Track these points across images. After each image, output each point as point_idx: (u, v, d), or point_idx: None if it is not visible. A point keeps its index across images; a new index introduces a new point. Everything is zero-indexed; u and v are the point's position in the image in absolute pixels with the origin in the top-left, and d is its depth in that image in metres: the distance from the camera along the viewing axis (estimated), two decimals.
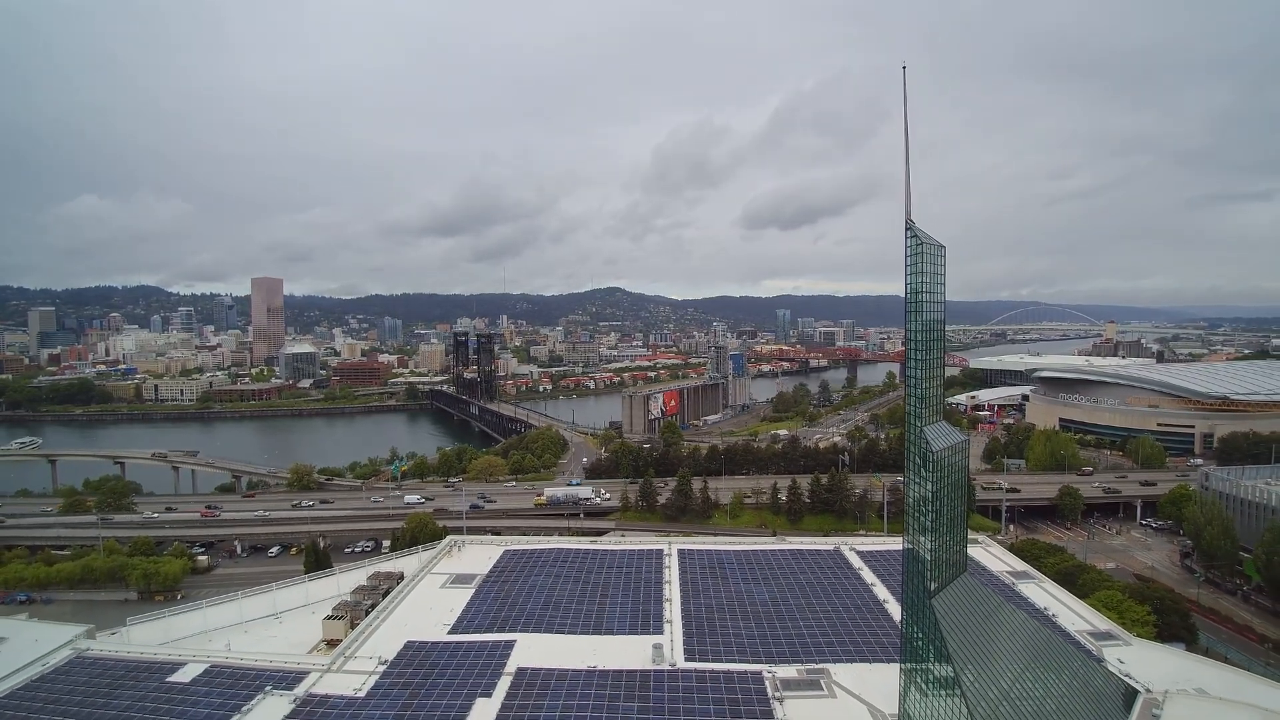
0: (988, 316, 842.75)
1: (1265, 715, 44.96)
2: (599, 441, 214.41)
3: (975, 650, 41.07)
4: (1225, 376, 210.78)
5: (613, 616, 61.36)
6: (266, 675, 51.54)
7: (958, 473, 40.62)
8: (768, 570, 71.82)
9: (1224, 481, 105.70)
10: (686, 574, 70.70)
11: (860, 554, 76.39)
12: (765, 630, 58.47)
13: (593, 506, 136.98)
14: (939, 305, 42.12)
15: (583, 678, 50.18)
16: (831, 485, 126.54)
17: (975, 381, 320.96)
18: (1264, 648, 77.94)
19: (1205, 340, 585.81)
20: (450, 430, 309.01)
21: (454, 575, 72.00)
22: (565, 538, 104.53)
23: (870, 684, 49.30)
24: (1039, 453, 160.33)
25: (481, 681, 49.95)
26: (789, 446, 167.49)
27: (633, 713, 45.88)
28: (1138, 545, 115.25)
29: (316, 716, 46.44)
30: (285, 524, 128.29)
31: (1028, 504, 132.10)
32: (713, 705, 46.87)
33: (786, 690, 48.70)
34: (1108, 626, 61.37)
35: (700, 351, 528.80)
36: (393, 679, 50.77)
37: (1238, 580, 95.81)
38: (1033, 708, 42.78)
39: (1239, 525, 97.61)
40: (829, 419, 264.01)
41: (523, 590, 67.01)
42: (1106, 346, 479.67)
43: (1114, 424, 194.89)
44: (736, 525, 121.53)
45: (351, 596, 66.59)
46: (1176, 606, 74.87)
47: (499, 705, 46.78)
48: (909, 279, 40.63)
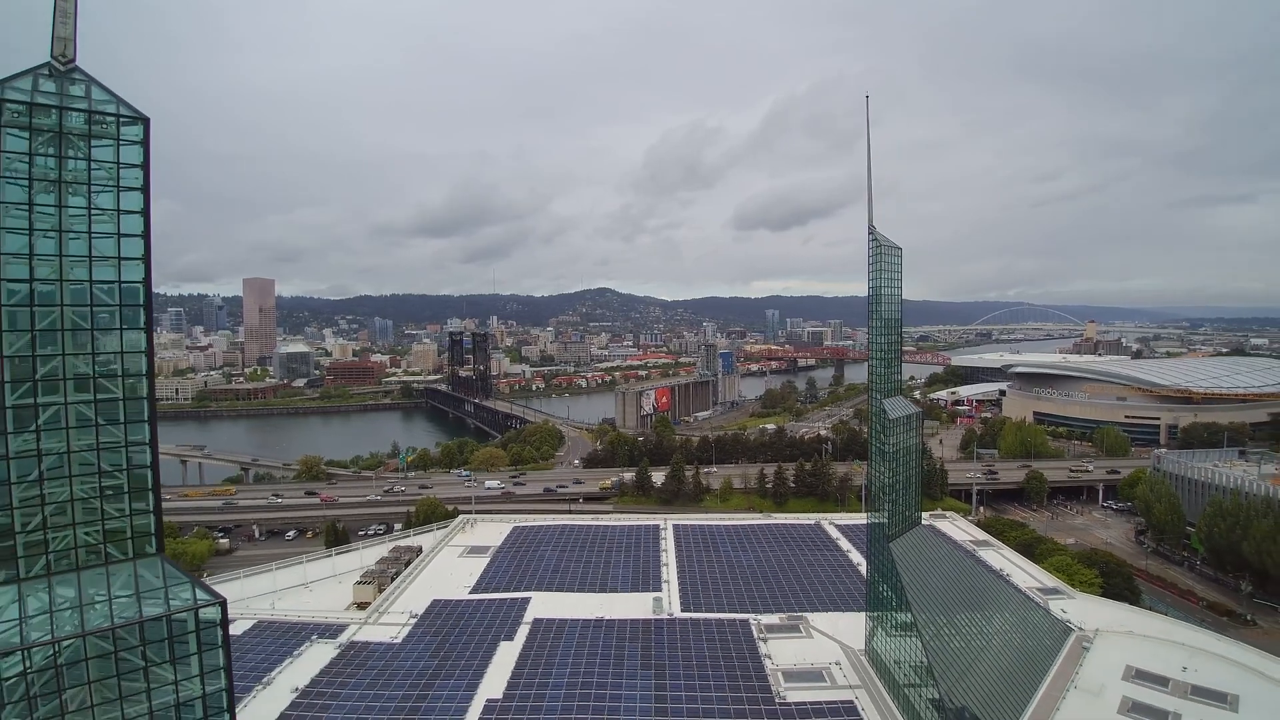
0: (974, 317, 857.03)
1: (1182, 649, 53.16)
2: (594, 435, 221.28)
3: (932, 598, 48.61)
4: (1191, 372, 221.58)
5: (616, 578, 68.64)
6: (310, 628, 58.25)
7: (909, 437, 48.26)
8: (755, 540, 79.32)
9: (1174, 463, 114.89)
10: (681, 544, 78.02)
11: (838, 527, 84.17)
12: (752, 587, 66.00)
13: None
14: (897, 299, 50.11)
15: (592, 625, 57.39)
16: (815, 471, 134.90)
17: (956, 378, 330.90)
18: (1200, 607, 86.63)
19: (1185, 340, 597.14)
20: (445, 427, 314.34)
21: (469, 547, 78.88)
22: (569, 514, 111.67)
23: (842, 628, 56.90)
24: (1010, 442, 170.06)
25: (504, 629, 57.04)
26: (776, 437, 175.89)
27: (637, 652, 53.10)
28: (1097, 524, 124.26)
29: (360, 658, 53.31)
30: (300, 509, 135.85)
31: (997, 487, 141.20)
32: (706, 645, 54.21)
33: (770, 633, 56.20)
34: (1055, 584, 69.44)
35: (690, 351, 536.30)
36: (424, 628, 57.73)
37: (1185, 553, 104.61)
38: (980, 643, 50.67)
39: (1186, 503, 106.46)
40: (815, 414, 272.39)
41: (534, 558, 74.02)
42: (1087, 345, 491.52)
43: (1084, 416, 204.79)
44: (726, 508, 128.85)
45: (376, 566, 73.19)
46: (1121, 570, 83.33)
47: (520, 645, 53.99)
48: (871, 276, 48.54)
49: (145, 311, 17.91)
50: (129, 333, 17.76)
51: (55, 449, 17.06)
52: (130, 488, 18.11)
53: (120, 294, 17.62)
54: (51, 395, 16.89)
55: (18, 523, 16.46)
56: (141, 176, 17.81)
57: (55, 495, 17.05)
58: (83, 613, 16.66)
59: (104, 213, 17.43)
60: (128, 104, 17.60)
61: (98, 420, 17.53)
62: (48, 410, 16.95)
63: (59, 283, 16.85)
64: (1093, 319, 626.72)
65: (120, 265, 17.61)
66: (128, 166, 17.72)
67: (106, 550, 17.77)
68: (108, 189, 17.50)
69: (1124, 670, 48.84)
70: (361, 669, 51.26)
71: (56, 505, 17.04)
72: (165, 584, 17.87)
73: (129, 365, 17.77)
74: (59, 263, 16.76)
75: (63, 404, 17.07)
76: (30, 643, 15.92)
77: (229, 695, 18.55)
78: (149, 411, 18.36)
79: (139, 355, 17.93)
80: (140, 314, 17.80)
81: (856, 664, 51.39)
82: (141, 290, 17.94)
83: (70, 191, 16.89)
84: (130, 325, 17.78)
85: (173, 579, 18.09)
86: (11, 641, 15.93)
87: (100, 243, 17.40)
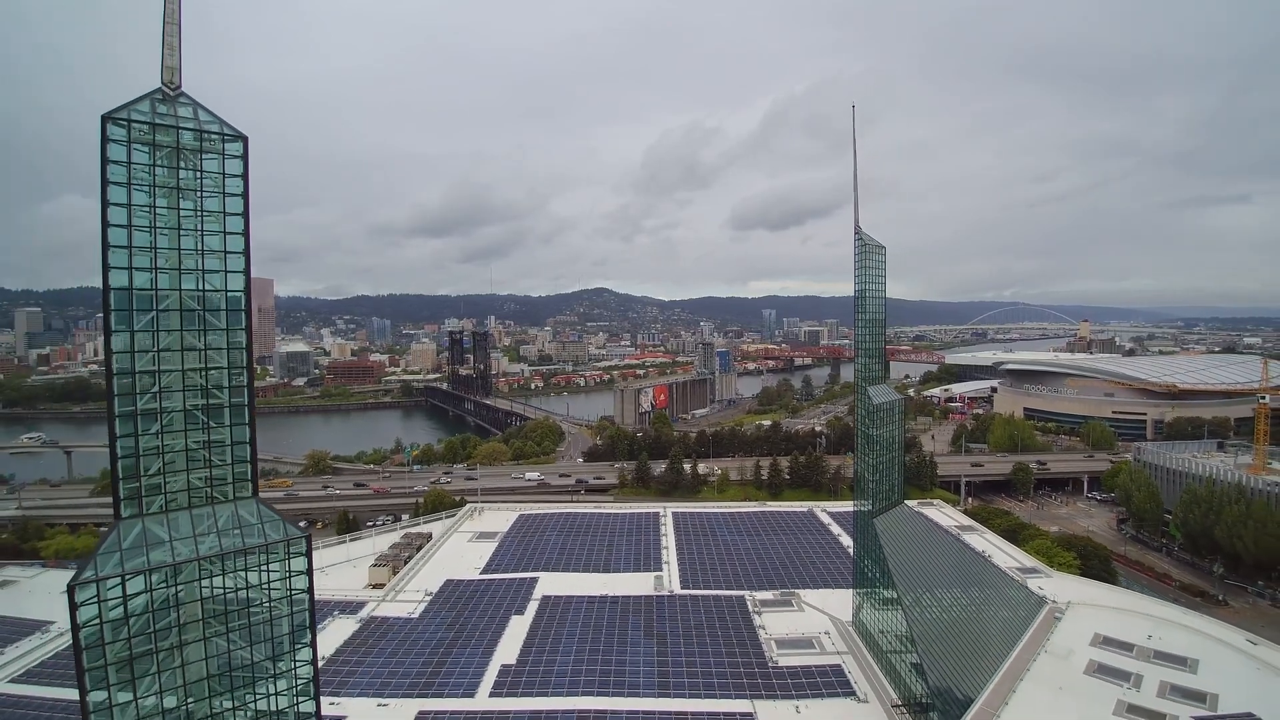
0: (971, 317, 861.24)
1: (1148, 619, 57.10)
2: (593, 431, 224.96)
3: (915, 575, 52.37)
4: (1178, 368, 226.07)
5: (619, 559, 72.39)
6: (331, 604, 61.76)
7: (892, 421, 52.08)
8: (750, 526, 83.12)
9: (1154, 454, 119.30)
10: (680, 529, 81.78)
11: (830, 514, 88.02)
12: (748, 567, 69.82)
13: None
14: (881, 295, 54.13)
15: (597, 601, 61.15)
16: (809, 463, 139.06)
17: (950, 376, 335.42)
18: (1174, 588, 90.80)
19: (1180, 339, 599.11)
20: (445, 425, 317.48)
21: (477, 533, 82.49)
22: (572, 502, 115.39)
23: (831, 602, 60.76)
24: (999, 436, 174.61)
25: (514, 605, 60.73)
26: (771, 431, 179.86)
27: (640, 624, 56.83)
28: (1081, 514, 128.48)
29: (380, 631, 56.92)
30: (313, 500, 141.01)
31: (986, 478, 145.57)
32: (705, 618, 57.97)
33: (764, 607, 60.05)
34: (1033, 564, 73.39)
35: (687, 351, 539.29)
36: (439, 604, 61.38)
37: (1164, 540, 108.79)
38: (959, 614, 54.56)
39: (1164, 492, 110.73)
40: (811, 411, 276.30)
41: (540, 542, 77.69)
42: (1080, 345, 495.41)
43: (1073, 411, 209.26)
44: (723, 499, 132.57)
45: (390, 551, 76.72)
46: (1099, 554, 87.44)
47: (531, 619, 57.71)
48: (857, 274, 52.50)
49: (246, 296, 21.46)
50: (233, 313, 21.31)
51: (173, 408, 20.67)
52: (232, 441, 21.73)
53: (226, 281, 21.18)
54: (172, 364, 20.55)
55: (142, 469, 20.14)
56: (242, 185, 21.40)
57: (171, 447, 20.67)
58: (196, 542, 20.25)
59: (212, 214, 21.00)
60: (229, 124, 21.17)
61: (208, 385, 21.12)
62: (168, 375, 20.57)
63: (177, 271, 20.44)
64: (1089, 319, 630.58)
65: (225, 258, 21.20)
66: (231, 177, 21.30)
67: (212, 493, 21.43)
68: (214, 195, 21.06)
69: (1092, 637, 52.58)
70: (383, 640, 54.85)
71: (172, 455, 20.68)
72: (260, 521, 21.48)
73: (233, 340, 21.34)
74: (176, 255, 20.35)
75: (179, 370, 20.69)
76: (154, 565, 19.49)
77: (311, 614, 22.21)
78: (248, 378, 21.94)
79: (240, 331, 21.53)
80: (242, 298, 21.36)
81: (844, 634, 55.26)
82: (243, 278, 21.47)
83: (184, 197, 20.47)
84: (234, 307, 21.34)
85: (266, 517, 21.72)
86: (139, 563, 19.50)
87: (210, 240, 20.99)
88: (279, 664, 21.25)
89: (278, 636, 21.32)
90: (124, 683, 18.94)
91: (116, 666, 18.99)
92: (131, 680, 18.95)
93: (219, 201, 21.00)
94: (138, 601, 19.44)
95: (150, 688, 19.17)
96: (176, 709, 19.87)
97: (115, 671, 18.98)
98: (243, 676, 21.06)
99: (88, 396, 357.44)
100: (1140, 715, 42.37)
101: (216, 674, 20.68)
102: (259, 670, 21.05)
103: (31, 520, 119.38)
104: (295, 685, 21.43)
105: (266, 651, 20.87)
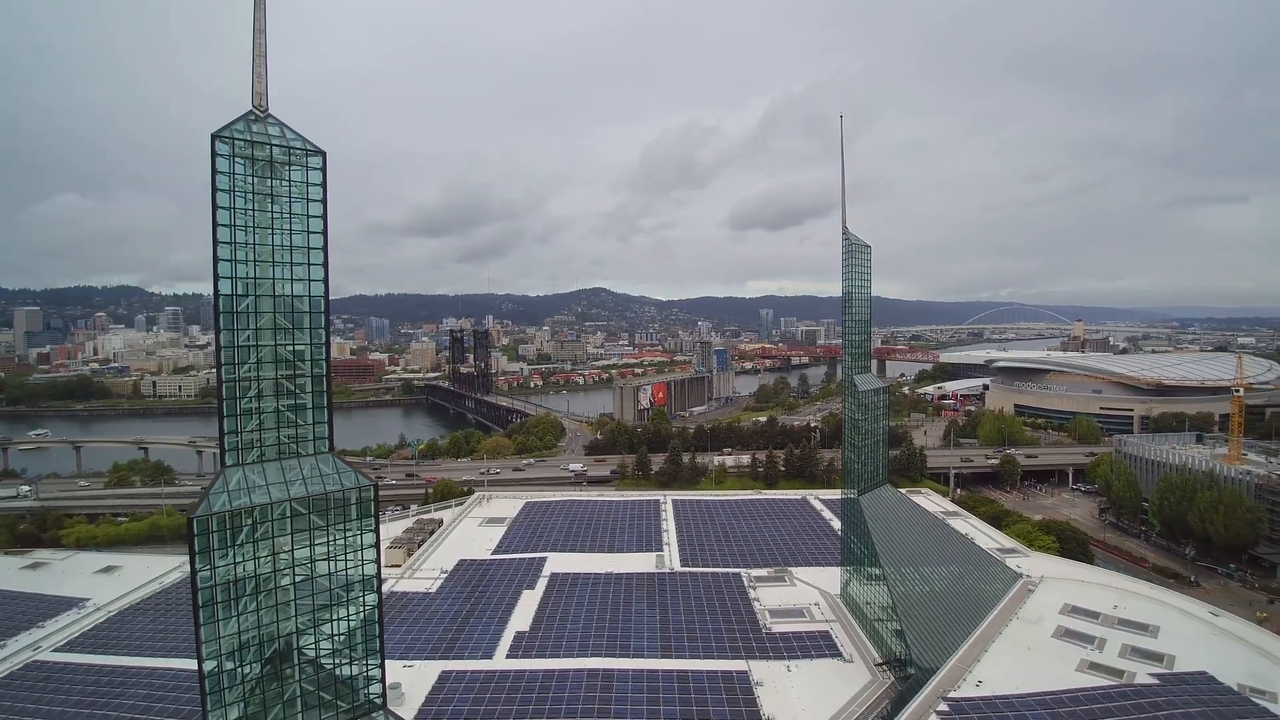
0: (967, 317, 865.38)
1: (1115, 591, 61.56)
2: (593, 428, 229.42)
3: (899, 551, 56.67)
4: (1165, 366, 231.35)
5: (622, 541, 76.67)
6: None
7: (876, 407, 56.47)
8: (747, 512, 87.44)
9: (1134, 446, 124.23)
10: (680, 515, 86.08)
11: (822, 501, 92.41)
12: (744, 548, 74.15)
13: None
14: (866, 291, 58.54)
15: (603, 577, 65.38)
16: (803, 456, 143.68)
17: (944, 375, 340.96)
18: (1149, 569, 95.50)
19: (1174, 339, 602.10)
20: (446, 422, 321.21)
21: (487, 518, 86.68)
22: (576, 490, 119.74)
23: (822, 579, 65.13)
24: (988, 431, 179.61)
25: (525, 581, 64.93)
26: (768, 425, 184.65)
27: (643, 596, 61.08)
28: (1065, 504, 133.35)
29: (400, 604, 61.02)
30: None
31: (974, 470, 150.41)
32: (704, 591, 62.25)
33: (759, 583, 64.36)
34: (1013, 545, 77.91)
35: (685, 350, 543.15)
36: (455, 581, 65.54)
37: (1142, 527, 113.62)
38: (940, 587, 58.95)
39: (1143, 482, 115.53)
40: (807, 409, 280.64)
41: (547, 526, 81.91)
42: (1074, 344, 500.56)
43: (1062, 408, 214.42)
44: (721, 489, 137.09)
45: (404, 535, 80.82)
46: (1078, 537, 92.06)
47: (541, 593, 61.95)
48: (845, 271, 56.88)
49: (324, 285, 25.60)
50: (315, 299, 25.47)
51: (267, 377, 24.87)
52: (313, 405, 25.99)
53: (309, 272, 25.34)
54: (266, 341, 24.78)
55: (241, 426, 24.42)
56: (321, 193, 25.54)
57: (264, 408, 24.87)
58: (287, 487, 24.43)
59: (298, 218, 25.17)
60: (310, 141, 25.35)
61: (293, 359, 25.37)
62: (262, 350, 24.78)
63: (270, 263, 24.64)
64: (1084, 319, 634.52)
65: (309, 253, 25.36)
66: (312, 186, 25.42)
67: (297, 448, 25.60)
68: (299, 201, 25.22)
69: (1061, 606, 56.89)
70: (404, 612, 58.99)
71: (264, 415, 24.90)
72: (336, 471, 25.64)
73: (314, 321, 25.56)
74: (270, 250, 24.53)
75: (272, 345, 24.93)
76: (255, 504, 23.65)
77: (377, 549, 26.45)
78: (325, 353, 26.17)
79: (320, 314, 25.71)
80: (322, 288, 25.50)
81: (833, 605, 59.65)
82: (323, 270, 25.62)
83: (274, 202, 24.62)
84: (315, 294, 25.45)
85: (341, 469, 25.98)
86: (242, 502, 23.68)
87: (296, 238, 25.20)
88: (351, 592, 25.47)
89: (351, 567, 25.57)
90: (229, 603, 23.11)
91: (224, 588, 23.16)
92: (233, 600, 23.11)
93: (303, 207, 25.17)
94: (241, 534, 23.59)
95: (249, 607, 23.39)
96: (270, 625, 23.98)
97: (222, 592, 23.18)
98: (322, 600, 25.28)
99: (90, 394, 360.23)
100: (1100, 672, 46.68)
101: (300, 598, 24.93)
102: (334, 597, 25.27)
103: (50, 511, 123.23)
104: (363, 610, 25.60)
105: (340, 581, 25.04)
